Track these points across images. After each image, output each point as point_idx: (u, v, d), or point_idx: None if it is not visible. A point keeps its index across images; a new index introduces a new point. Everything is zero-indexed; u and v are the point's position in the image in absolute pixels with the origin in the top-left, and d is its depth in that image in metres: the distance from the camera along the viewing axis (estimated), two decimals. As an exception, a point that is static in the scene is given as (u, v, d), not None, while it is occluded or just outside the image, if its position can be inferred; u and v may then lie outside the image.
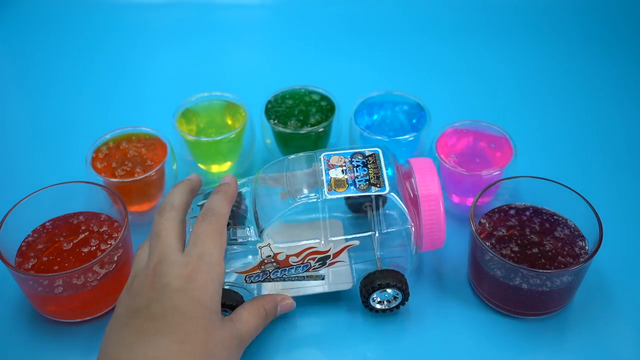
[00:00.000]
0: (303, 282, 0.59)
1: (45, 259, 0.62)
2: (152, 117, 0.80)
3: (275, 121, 0.74)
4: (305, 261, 0.56)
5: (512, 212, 0.66)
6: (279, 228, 0.55)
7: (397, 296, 0.59)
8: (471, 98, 0.90)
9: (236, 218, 0.57)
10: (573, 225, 0.64)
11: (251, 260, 0.57)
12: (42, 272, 0.60)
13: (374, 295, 0.58)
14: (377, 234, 0.56)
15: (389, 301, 0.60)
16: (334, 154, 0.58)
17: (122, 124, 0.75)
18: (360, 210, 0.62)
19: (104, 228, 0.65)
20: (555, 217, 0.65)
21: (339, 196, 0.54)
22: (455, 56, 0.99)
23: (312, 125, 0.73)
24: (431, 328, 0.61)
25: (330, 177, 0.56)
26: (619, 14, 1.04)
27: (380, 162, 0.57)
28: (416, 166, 0.59)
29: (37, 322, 0.62)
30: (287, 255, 0.56)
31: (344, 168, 0.57)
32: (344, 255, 0.57)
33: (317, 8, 1.07)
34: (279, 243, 0.55)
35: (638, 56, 0.97)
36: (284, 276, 0.57)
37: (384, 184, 0.55)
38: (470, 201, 0.69)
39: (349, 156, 0.58)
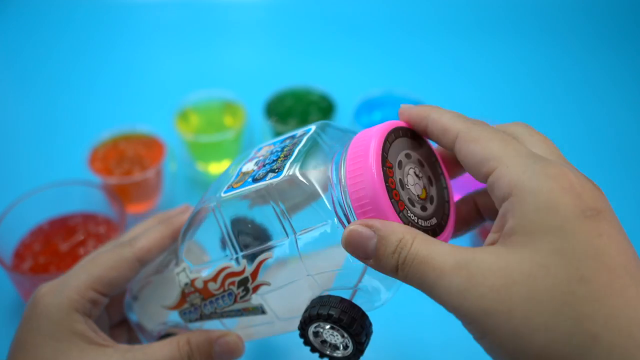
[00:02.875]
0: (245, 319, 0.43)
1: (41, 260, 0.61)
2: (151, 117, 0.80)
3: (275, 120, 0.74)
4: (226, 287, 0.41)
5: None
6: (193, 248, 0.42)
7: (348, 345, 0.38)
8: (472, 97, 0.90)
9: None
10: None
11: (171, 295, 0.44)
12: (38, 274, 0.59)
13: (314, 329, 0.39)
14: (294, 239, 0.37)
15: (336, 347, 0.39)
16: (267, 144, 0.43)
17: (120, 124, 0.74)
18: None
19: (101, 229, 0.64)
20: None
21: (232, 194, 0.39)
22: (456, 55, 0.98)
23: (312, 125, 0.73)
24: (431, 329, 0.60)
25: (240, 172, 0.41)
26: (622, 13, 1.04)
27: (301, 141, 0.39)
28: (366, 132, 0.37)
29: (34, 324, 0.61)
30: (204, 281, 0.42)
31: (261, 158, 0.41)
32: (278, 277, 0.40)
33: (317, 7, 1.07)
34: (193, 266, 0.42)
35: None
36: (217, 311, 0.43)
37: (284, 167, 0.37)
38: (471, 202, 0.69)
39: (278, 143, 0.42)
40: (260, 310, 0.42)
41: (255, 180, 0.38)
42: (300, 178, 0.36)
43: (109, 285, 0.42)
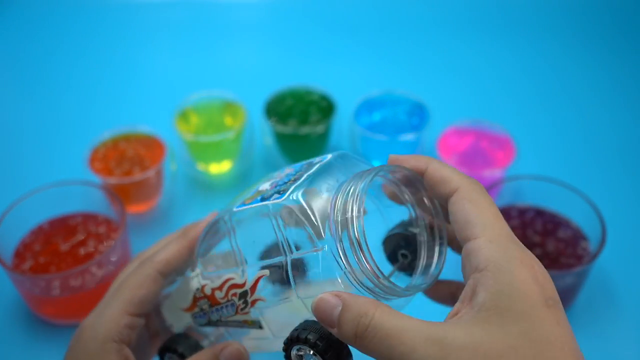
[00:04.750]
0: (248, 331, 0.45)
1: (42, 260, 0.61)
2: (151, 117, 0.80)
3: (275, 120, 0.74)
4: (230, 297, 0.43)
5: (514, 212, 0.65)
6: (208, 255, 0.45)
7: None
8: (472, 97, 0.90)
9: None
10: (576, 226, 0.63)
11: (185, 297, 0.47)
12: (39, 274, 0.59)
13: (297, 351, 0.39)
14: (287, 262, 0.39)
15: None
16: (289, 167, 0.45)
17: (120, 124, 0.74)
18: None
19: (102, 229, 0.64)
20: (557, 218, 0.64)
21: (242, 209, 0.41)
22: (456, 55, 0.98)
23: (312, 125, 0.73)
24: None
25: (257, 190, 0.43)
26: (621, 12, 1.04)
27: (314, 167, 0.41)
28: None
29: (34, 325, 0.61)
30: (212, 289, 0.44)
31: (277, 179, 0.43)
32: (273, 294, 0.42)
33: (317, 7, 1.07)
34: (205, 273, 0.45)
35: (640, 56, 0.97)
36: (222, 319, 0.45)
37: (287, 190, 0.39)
38: (471, 202, 0.69)
39: (298, 166, 0.43)
40: (257, 325, 0.43)
41: (262, 199, 0.40)
42: (302, 204, 0.38)
43: (140, 304, 0.44)
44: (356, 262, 0.36)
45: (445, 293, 0.44)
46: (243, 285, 0.42)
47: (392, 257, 0.44)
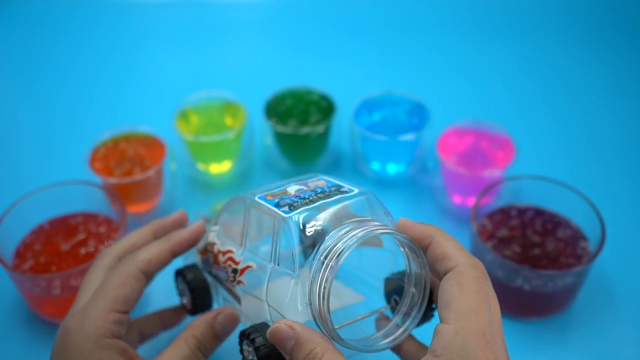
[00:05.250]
0: (232, 297, 0.49)
1: (42, 259, 0.61)
2: (151, 117, 0.80)
3: (275, 121, 0.74)
4: (226, 266, 0.48)
5: (513, 212, 0.65)
6: (229, 220, 0.49)
7: None
8: (472, 97, 0.90)
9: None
10: (575, 226, 0.63)
11: (202, 241, 0.52)
12: (39, 273, 0.60)
13: (245, 346, 0.44)
14: (269, 269, 0.44)
15: None
16: (326, 179, 0.48)
17: (121, 124, 0.74)
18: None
19: (102, 229, 0.64)
20: (557, 217, 0.64)
21: (258, 202, 0.45)
22: (456, 55, 0.98)
23: (312, 125, 0.73)
24: (431, 330, 0.60)
25: (284, 189, 0.47)
26: (626, 13, 1.04)
27: (334, 197, 0.44)
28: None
29: (35, 325, 0.62)
30: (218, 250, 0.49)
31: (304, 188, 0.46)
32: (252, 285, 0.46)
33: (317, 8, 1.07)
34: (220, 235, 0.50)
35: (640, 56, 0.97)
36: (218, 278, 0.50)
37: (298, 209, 0.43)
38: (471, 202, 0.69)
39: (330, 184, 0.47)
40: (238, 300, 0.48)
41: (278, 204, 0.44)
42: (299, 230, 0.41)
43: (124, 301, 0.45)
44: (317, 307, 0.40)
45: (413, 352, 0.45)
46: (237, 263, 0.47)
47: (387, 297, 0.48)
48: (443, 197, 0.73)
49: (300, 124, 0.73)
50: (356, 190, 0.45)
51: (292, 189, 0.46)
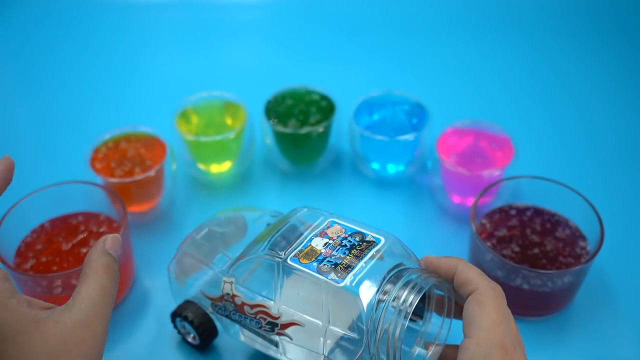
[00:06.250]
0: (261, 339, 0.52)
1: (43, 259, 0.61)
2: (152, 117, 0.80)
3: (275, 121, 0.74)
4: (257, 317, 0.51)
5: (512, 212, 0.65)
6: (249, 275, 0.51)
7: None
8: (472, 97, 0.90)
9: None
10: (574, 226, 0.64)
11: (214, 289, 0.54)
12: (40, 273, 0.60)
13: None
14: (326, 328, 0.47)
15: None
16: (339, 223, 0.50)
17: (121, 124, 0.74)
18: None
19: (103, 228, 0.64)
20: (556, 217, 0.64)
21: (296, 267, 0.47)
22: (456, 55, 0.98)
23: (312, 125, 0.73)
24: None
25: (309, 244, 0.48)
26: (625, 13, 1.04)
27: (368, 252, 0.47)
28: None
29: (36, 323, 0.62)
30: (243, 302, 0.51)
31: (330, 242, 0.48)
32: (302, 340, 0.49)
33: (317, 8, 1.07)
34: (239, 286, 0.51)
35: None
36: (241, 322, 0.52)
37: (345, 277, 0.45)
38: (470, 201, 0.69)
39: (349, 232, 0.49)
40: (274, 344, 0.51)
41: (319, 270, 0.46)
42: (357, 300, 0.44)
43: None
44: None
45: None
46: (276, 318, 0.49)
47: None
48: (442, 197, 0.73)
49: (300, 124, 0.73)
50: (383, 240, 0.48)
51: (317, 242, 0.48)
